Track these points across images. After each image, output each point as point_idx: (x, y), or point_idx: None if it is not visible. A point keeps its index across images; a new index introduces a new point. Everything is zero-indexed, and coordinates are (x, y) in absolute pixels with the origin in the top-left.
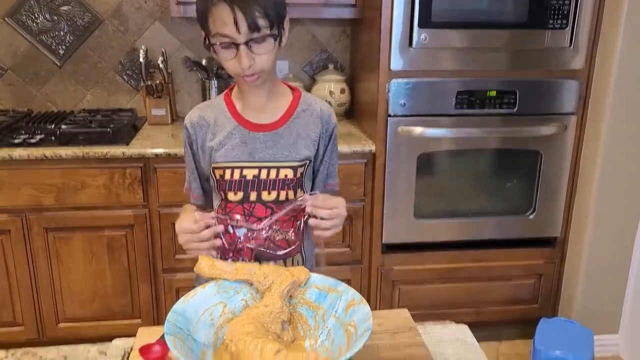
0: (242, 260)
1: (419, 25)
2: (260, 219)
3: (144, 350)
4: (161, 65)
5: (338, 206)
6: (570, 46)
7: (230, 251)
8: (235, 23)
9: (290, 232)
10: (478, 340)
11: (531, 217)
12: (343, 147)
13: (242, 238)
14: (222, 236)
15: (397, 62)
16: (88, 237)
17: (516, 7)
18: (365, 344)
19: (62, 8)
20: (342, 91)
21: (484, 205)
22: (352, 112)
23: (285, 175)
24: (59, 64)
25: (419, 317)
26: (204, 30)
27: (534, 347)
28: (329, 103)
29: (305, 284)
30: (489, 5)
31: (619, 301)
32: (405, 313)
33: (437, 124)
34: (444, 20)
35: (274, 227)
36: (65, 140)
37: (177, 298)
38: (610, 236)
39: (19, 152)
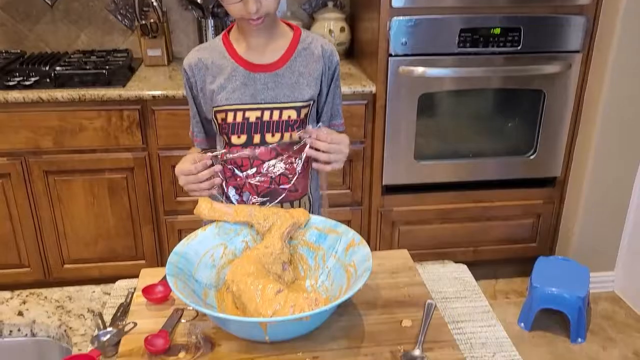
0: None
1: None
2: (264, 162)
3: (147, 290)
4: (155, 4)
5: (340, 142)
6: None
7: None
8: None
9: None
10: (476, 279)
11: (532, 157)
12: (343, 88)
13: (246, 181)
14: (222, 175)
15: None
16: (89, 179)
17: None
18: (365, 284)
19: None
20: (342, 30)
21: (485, 146)
22: (352, 51)
23: (289, 117)
24: (49, 3)
25: (418, 257)
26: None
27: (531, 284)
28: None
29: (305, 226)
30: None
31: (615, 239)
32: (404, 253)
33: (439, 64)
34: None
35: (278, 164)
36: (61, 82)
37: (180, 240)
38: (609, 176)
39: (14, 95)
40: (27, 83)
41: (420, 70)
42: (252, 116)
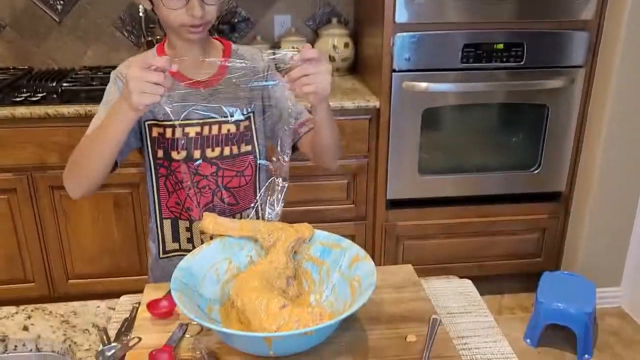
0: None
1: None
2: (205, 177)
3: (152, 305)
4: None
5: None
6: None
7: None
8: None
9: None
10: (481, 294)
11: (536, 172)
12: (347, 103)
13: (190, 196)
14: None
15: (402, 14)
16: (94, 195)
17: None
18: (369, 299)
19: None
20: (346, 45)
21: (489, 160)
22: (355, 67)
23: (228, 130)
24: (57, 20)
25: (423, 272)
26: None
27: (537, 299)
28: (333, 58)
29: (309, 240)
30: None
31: (622, 254)
32: (409, 268)
33: (443, 79)
34: None
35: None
36: (68, 98)
37: None
38: (615, 190)
39: (21, 111)
40: (34, 99)
41: (423, 85)
42: (192, 131)
